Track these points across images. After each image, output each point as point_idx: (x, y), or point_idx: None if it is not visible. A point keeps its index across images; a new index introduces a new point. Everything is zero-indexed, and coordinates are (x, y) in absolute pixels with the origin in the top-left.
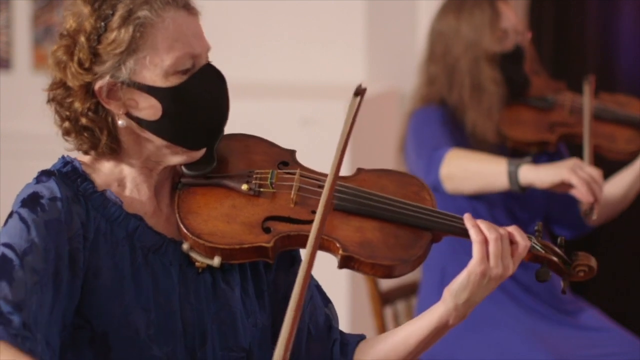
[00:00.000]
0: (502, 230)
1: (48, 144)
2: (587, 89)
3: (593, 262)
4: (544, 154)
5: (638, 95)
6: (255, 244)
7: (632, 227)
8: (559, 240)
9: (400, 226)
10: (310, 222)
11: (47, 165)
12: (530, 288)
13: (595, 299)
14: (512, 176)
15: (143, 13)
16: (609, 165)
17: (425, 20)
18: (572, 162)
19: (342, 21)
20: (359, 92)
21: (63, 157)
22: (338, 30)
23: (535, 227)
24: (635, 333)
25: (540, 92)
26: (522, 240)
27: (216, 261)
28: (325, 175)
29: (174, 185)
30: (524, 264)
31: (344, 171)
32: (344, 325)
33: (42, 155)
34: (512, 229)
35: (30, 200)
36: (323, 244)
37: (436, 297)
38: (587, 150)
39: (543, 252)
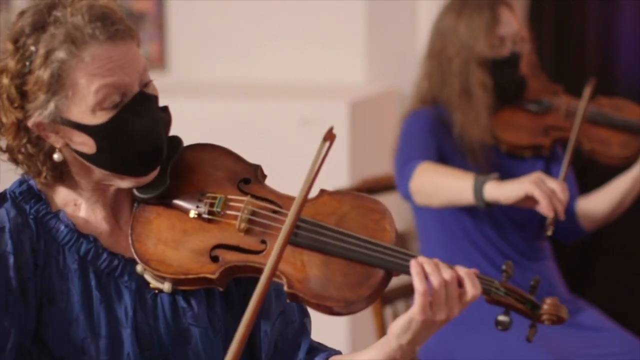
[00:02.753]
0: (447, 274)
1: None
2: (587, 90)
3: (563, 313)
4: (540, 158)
5: (638, 95)
6: (201, 275)
7: (632, 228)
8: (532, 281)
9: (350, 263)
10: (259, 252)
11: None
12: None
13: (595, 299)
14: (477, 192)
15: (60, 55)
16: (602, 170)
17: (425, 21)
18: (536, 175)
19: (342, 21)
20: (328, 137)
21: (22, 175)
22: (338, 30)
23: (503, 267)
24: (635, 333)
25: (537, 95)
26: (472, 289)
27: (166, 287)
28: (284, 198)
29: (133, 202)
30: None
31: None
32: (344, 325)
33: None
34: (464, 274)
35: None
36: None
37: None
38: (569, 149)
39: (505, 297)
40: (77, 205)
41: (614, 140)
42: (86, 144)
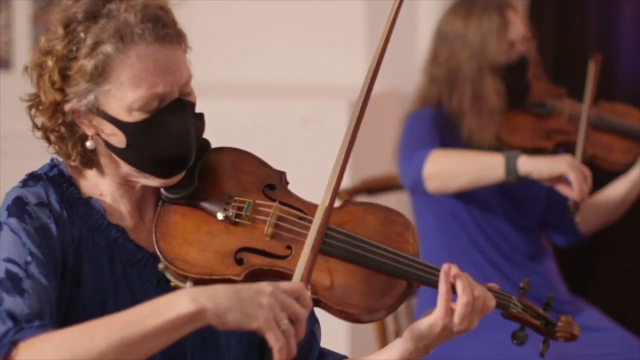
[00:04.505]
0: (477, 291)
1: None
2: (592, 67)
3: (576, 330)
4: None
5: (638, 95)
6: (225, 276)
7: (632, 228)
8: (547, 299)
9: (374, 273)
10: (285, 257)
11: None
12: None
13: (595, 299)
14: (510, 166)
15: (107, 48)
16: (602, 175)
17: (425, 21)
18: (569, 157)
19: (342, 21)
20: None
21: (52, 159)
22: (338, 30)
23: (521, 284)
24: (635, 333)
25: (540, 97)
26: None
27: (188, 286)
28: (308, 205)
29: (159, 200)
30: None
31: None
32: (345, 326)
33: (42, 155)
34: (492, 287)
35: (17, 208)
36: None
37: (435, 298)
38: (581, 134)
39: (522, 313)
40: (103, 196)
41: (616, 145)
42: (117, 138)
